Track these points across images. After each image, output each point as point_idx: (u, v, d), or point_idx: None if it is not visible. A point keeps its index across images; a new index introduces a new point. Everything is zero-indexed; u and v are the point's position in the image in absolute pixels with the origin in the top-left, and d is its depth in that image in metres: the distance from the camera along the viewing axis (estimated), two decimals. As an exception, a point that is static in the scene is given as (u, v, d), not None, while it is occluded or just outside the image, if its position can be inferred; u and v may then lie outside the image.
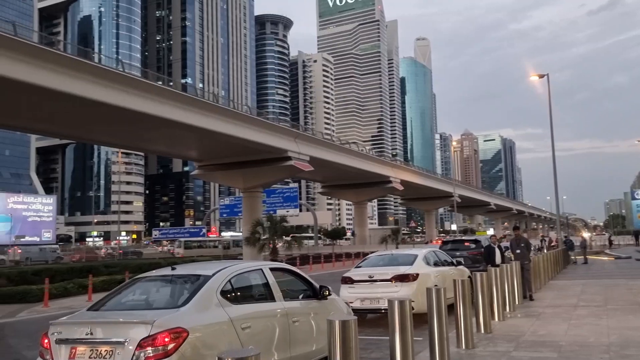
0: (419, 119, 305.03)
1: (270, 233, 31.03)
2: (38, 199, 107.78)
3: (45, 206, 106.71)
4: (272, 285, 5.65)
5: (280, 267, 6.47)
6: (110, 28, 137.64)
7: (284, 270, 6.39)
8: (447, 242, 17.76)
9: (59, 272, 17.97)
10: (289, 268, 6.50)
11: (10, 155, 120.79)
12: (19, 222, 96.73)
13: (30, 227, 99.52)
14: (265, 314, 5.32)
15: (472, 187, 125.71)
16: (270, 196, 64.91)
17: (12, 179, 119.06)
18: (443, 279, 10.62)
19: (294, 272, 6.39)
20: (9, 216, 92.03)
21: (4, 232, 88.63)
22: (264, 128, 39.82)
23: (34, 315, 13.43)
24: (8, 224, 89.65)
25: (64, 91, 26.40)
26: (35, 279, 16.91)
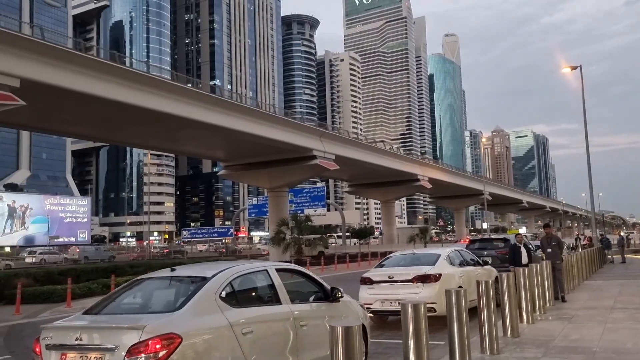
0: (448, 116, 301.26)
1: (295, 233, 30.77)
2: (74, 200, 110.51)
3: (81, 207, 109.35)
4: (278, 287, 5.32)
5: (288, 268, 6.12)
6: (141, 32, 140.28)
7: (292, 271, 6.05)
8: (475, 241, 17.13)
9: (84, 272, 18.08)
10: (298, 269, 6.15)
11: (47, 158, 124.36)
12: (56, 223, 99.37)
13: (66, 228, 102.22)
14: (270, 318, 4.99)
15: (503, 184, 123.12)
16: (297, 196, 64.80)
17: (49, 182, 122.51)
18: (468, 279, 10.11)
19: (303, 273, 6.05)
20: (46, 217, 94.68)
21: (42, 232, 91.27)
22: (288, 127, 39.66)
23: (55, 315, 13.45)
24: (45, 225, 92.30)
25: (95, 94, 26.89)
26: (61, 279, 17.03)
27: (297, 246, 31.58)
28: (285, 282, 5.54)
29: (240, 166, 45.06)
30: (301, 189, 77.65)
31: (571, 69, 25.29)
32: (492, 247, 15.85)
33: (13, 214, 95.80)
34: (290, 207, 62.07)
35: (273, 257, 37.37)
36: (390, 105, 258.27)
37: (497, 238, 16.90)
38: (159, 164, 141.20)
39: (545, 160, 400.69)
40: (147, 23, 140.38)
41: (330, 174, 60.18)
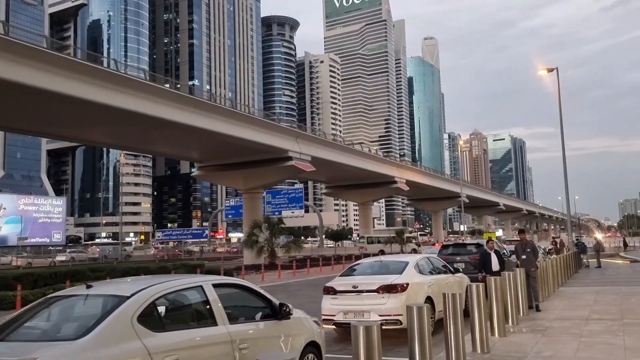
0: (427, 118, 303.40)
1: (268, 235, 30.04)
2: (48, 200, 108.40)
3: (55, 207, 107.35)
4: (214, 305, 4.65)
5: (228, 283, 5.44)
6: (119, 32, 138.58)
7: (233, 286, 5.37)
8: (448, 246, 16.59)
9: (41, 277, 17.05)
10: (241, 283, 5.47)
11: (22, 157, 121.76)
12: (30, 223, 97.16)
13: (40, 228, 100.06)
14: (202, 342, 4.30)
15: (480, 187, 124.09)
16: (275, 197, 64.06)
17: (24, 181, 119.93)
18: (438, 288, 9.55)
19: (247, 288, 5.38)
20: (19, 217, 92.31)
21: (15, 233, 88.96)
22: (264, 128, 38.92)
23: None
24: (18, 225, 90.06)
25: (64, 93, 26.00)
26: (15, 284, 16.03)
27: (271, 249, 30.84)
28: (225, 299, 4.88)
29: (216, 167, 44.15)
30: (279, 190, 76.86)
31: (547, 71, 25.12)
32: (466, 253, 15.34)
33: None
34: (267, 208, 61.26)
35: (247, 260, 36.56)
36: (370, 108, 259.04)
37: (470, 243, 16.37)
38: (135, 164, 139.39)
39: (523, 163, 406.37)
40: (125, 22, 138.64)
41: (306, 176, 59.58)
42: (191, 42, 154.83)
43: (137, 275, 17.72)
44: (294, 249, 31.36)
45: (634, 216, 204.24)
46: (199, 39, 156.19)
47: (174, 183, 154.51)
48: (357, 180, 61.89)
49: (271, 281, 22.48)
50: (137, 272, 19.49)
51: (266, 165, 41.33)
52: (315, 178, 72.45)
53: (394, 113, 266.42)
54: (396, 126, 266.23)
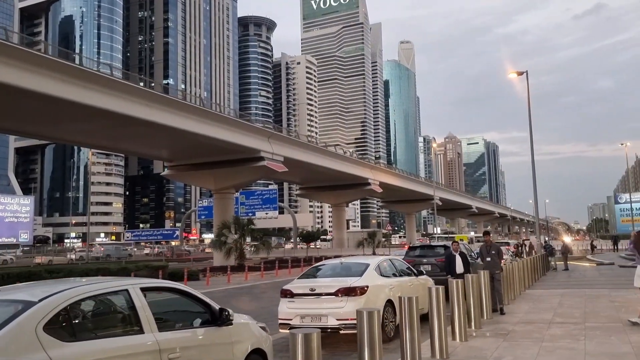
0: (402, 122, 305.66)
1: (237, 236, 29.49)
2: (15, 199, 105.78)
3: (23, 207, 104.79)
4: (140, 311, 4.22)
5: (160, 287, 5.00)
6: (92, 28, 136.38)
7: (166, 289, 4.93)
8: (415, 248, 16.37)
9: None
10: (175, 287, 5.01)
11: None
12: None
13: (6, 228, 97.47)
14: (123, 352, 3.86)
15: (453, 190, 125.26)
16: (249, 198, 63.47)
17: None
18: (400, 291, 9.26)
19: (183, 292, 4.95)
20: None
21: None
22: (235, 127, 38.29)
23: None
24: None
25: (24, 87, 25.06)
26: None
27: (240, 250, 30.27)
28: (156, 304, 4.46)
29: (186, 166, 43.32)
30: (253, 191, 76.26)
31: (517, 74, 25.23)
32: (433, 255, 15.13)
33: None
34: (241, 209, 60.59)
35: (217, 261, 35.91)
36: (346, 110, 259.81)
37: (438, 245, 16.19)
38: (107, 163, 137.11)
39: (496, 167, 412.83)
40: (98, 19, 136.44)
41: (280, 177, 59.11)
42: (166, 41, 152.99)
43: (96, 276, 17.06)
44: (262, 250, 30.86)
45: (602, 220, 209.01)
46: (174, 38, 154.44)
47: (147, 183, 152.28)
48: (331, 182, 61.66)
49: (238, 283, 21.99)
50: (96, 273, 18.79)
51: (238, 165, 40.71)
52: (289, 179, 71.99)
53: (370, 116, 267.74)
54: (372, 129, 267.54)
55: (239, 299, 16.16)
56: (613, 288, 15.73)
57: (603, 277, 21.58)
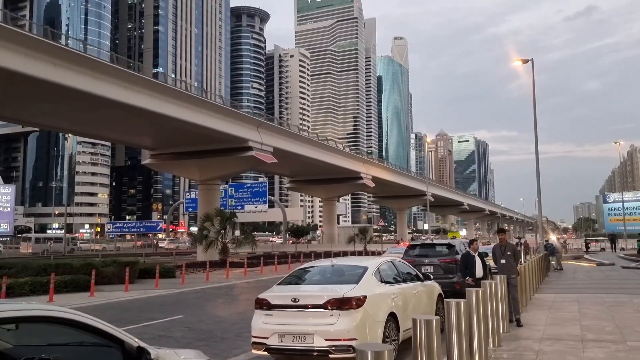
0: (394, 118, 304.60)
1: (219, 229, 27.67)
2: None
3: (3, 196, 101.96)
4: None
5: (33, 316, 2.99)
6: (79, 13, 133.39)
7: (45, 320, 2.95)
8: (415, 246, 14.62)
9: None
10: (63, 317, 2.97)
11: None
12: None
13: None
14: None
15: (445, 186, 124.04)
16: (238, 191, 61.68)
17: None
18: (404, 301, 7.56)
19: (77, 323, 3.08)
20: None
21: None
22: (221, 114, 36.30)
23: None
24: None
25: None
26: None
27: (223, 245, 28.46)
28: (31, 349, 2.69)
29: (169, 155, 41.25)
30: (242, 183, 74.39)
31: (523, 62, 23.63)
32: (435, 254, 13.41)
33: None
34: (230, 202, 58.71)
35: (200, 256, 34.07)
36: (339, 105, 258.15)
37: (440, 243, 14.46)
38: (93, 152, 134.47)
39: (485, 165, 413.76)
40: (85, 4, 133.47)
41: (268, 168, 57.25)
42: (156, 29, 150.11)
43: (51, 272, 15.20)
44: (246, 245, 29.07)
45: (588, 219, 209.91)
46: (165, 26, 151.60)
47: (134, 174, 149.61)
48: (322, 175, 59.91)
49: (217, 281, 20.18)
50: (56, 268, 16.90)
51: (224, 155, 38.77)
52: (278, 171, 70.09)
53: (363, 111, 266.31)
54: (364, 124, 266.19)
55: (213, 302, 14.41)
56: (632, 293, 14.18)
57: (611, 280, 20.12)
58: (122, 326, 10.36)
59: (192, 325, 10.31)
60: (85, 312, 9.93)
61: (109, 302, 14.05)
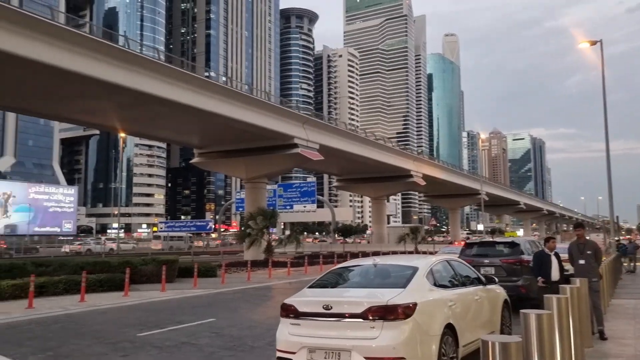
0: (446, 116, 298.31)
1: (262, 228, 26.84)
2: (59, 189, 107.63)
3: (67, 197, 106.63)
4: None
5: None
6: (135, 20, 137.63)
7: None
8: (472, 245, 13.05)
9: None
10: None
11: (34, 145, 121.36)
12: (40, 212, 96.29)
13: (51, 218, 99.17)
14: None
15: (500, 185, 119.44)
16: (286, 190, 61.36)
17: (35, 169, 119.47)
18: (464, 309, 6.20)
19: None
20: (29, 206, 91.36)
21: (24, 221, 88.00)
22: (267, 111, 35.55)
23: None
24: (28, 213, 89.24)
25: (69, 69, 23.63)
26: None
27: (267, 244, 27.64)
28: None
29: (216, 154, 40.97)
30: (291, 183, 74.04)
31: (591, 44, 21.46)
32: (496, 254, 11.84)
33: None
34: (279, 202, 58.33)
35: (247, 255, 33.46)
36: (388, 104, 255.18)
37: (502, 241, 12.85)
38: (149, 154, 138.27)
39: (542, 163, 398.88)
40: (141, 10, 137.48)
41: (315, 166, 56.29)
42: (208, 33, 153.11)
43: (82, 271, 14.66)
44: (290, 244, 28.12)
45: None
46: (216, 30, 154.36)
47: (188, 175, 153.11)
48: (370, 173, 58.38)
49: (258, 282, 19.22)
50: (93, 266, 16.46)
51: (270, 153, 38.03)
52: (326, 170, 68.99)
53: (413, 110, 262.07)
54: (414, 123, 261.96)
55: (250, 304, 13.41)
56: None
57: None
58: (147, 330, 9.51)
59: (221, 331, 9.29)
60: (115, 313, 8.78)
61: (141, 302, 13.32)
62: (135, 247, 56.25)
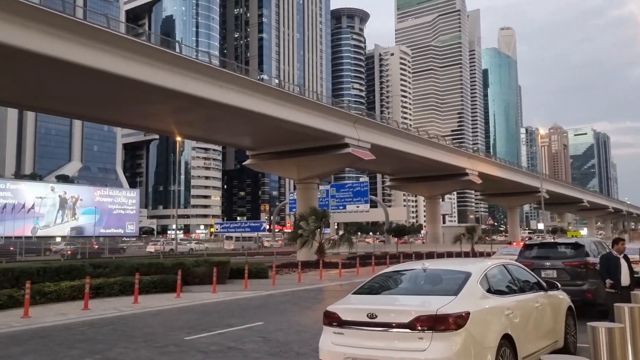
0: (502, 112, 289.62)
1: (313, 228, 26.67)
2: (123, 192, 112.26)
3: (129, 199, 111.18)
4: None
5: None
6: (190, 27, 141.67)
7: None
8: (532, 246, 12.25)
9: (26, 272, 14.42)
10: None
11: (99, 150, 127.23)
12: (105, 215, 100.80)
13: (115, 220, 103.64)
14: None
15: (561, 182, 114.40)
16: (339, 191, 61.07)
17: (100, 173, 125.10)
18: (523, 318, 5.69)
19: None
20: (95, 209, 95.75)
21: (91, 223, 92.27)
22: (316, 111, 35.42)
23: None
24: (94, 216, 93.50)
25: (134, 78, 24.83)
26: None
27: (319, 244, 27.48)
28: None
29: (268, 155, 41.32)
30: (343, 183, 73.79)
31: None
32: (558, 256, 11.04)
33: (64, 204, 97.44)
34: (332, 202, 58.19)
35: (300, 256, 33.51)
36: (442, 101, 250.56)
37: (564, 242, 12.00)
38: (206, 157, 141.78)
39: (606, 159, 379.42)
40: (196, 17, 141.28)
41: (367, 166, 55.68)
42: (261, 36, 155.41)
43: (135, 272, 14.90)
44: (342, 245, 27.81)
45: None
46: (269, 33, 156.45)
47: (243, 176, 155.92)
48: (424, 172, 57.22)
49: (309, 283, 19.00)
50: (148, 267, 16.75)
51: (321, 153, 37.89)
52: (378, 169, 68.25)
53: (468, 106, 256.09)
54: (469, 120, 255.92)
55: (299, 306, 13.18)
56: None
57: None
58: (195, 334, 9.43)
59: (269, 335, 9.11)
60: (166, 315, 8.64)
61: (192, 304, 13.39)
62: (208, 248, 57.76)
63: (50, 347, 8.44)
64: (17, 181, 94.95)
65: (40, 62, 22.37)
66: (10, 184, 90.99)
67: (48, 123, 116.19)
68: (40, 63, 22.55)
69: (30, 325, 10.33)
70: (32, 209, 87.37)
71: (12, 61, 22.40)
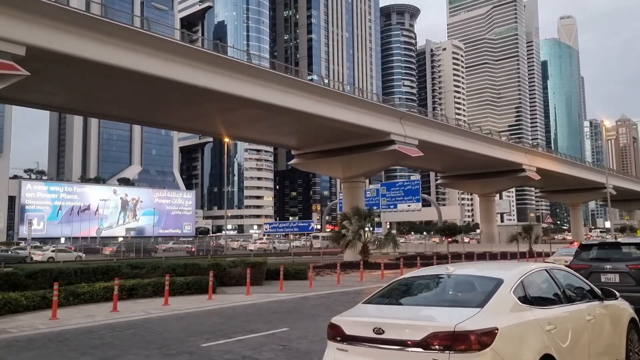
0: (564, 105, 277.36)
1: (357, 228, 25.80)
2: (179, 194, 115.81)
3: (186, 201, 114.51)
4: None
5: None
6: (241, 31, 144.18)
7: None
8: (589, 246, 10.84)
9: (63, 273, 14.57)
10: None
11: (157, 154, 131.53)
12: (164, 216, 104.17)
13: (172, 220, 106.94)
14: None
15: (631, 177, 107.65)
16: (390, 189, 59.95)
17: (158, 176, 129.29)
18: (570, 333, 4.69)
19: None
20: (154, 210, 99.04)
21: (150, 224, 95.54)
22: (360, 107, 34.42)
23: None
24: (153, 217, 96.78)
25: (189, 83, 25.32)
26: (28, 282, 13.72)
27: (363, 244, 26.59)
28: None
29: (313, 154, 40.73)
30: (394, 182, 72.46)
31: None
32: (621, 258, 9.67)
33: (125, 206, 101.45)
34: (382, 201, 57.12)
35: (347, 257, 32.77)
36: (498, 95, 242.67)
37: (628, 242, 10.59)
38: (258, 158, 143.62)
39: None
40: (247, 21, 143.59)
41: (415, 163, 54.03)
42: (310, 37, 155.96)
43: (173, 271, 14.61)
44: (387, 245, 26.78)
45: None
46: (318, 34, 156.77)
47: (294, 177, 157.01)
48: (476, 169, 54.95)
49: (349, 285, 18.16)
50: (184, 268, 16.47)
51: (366, 151, 36.91)
52: (427, 166, 66.29)
53: (526, 100, 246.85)
54: (528, 114, 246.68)
55: (332, 311, 12.32)
56: None
57: None
58: (213, 340, 8.69)
59: (290, 343, 8.40)
60: (191, 318, 7.96)
61: (222, 307, 12.90)
62: (266, 250, 58.51)
63: (63, 352, 8.11)
64: (82, 184, 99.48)
65: (100, 69, 23.22)
66: (77, 187, 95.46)
67: (110, 129, 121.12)
68: (100, 70, 23.38)
69: (54, 328, 10.11)
70: (97, 211, 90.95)
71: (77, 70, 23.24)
